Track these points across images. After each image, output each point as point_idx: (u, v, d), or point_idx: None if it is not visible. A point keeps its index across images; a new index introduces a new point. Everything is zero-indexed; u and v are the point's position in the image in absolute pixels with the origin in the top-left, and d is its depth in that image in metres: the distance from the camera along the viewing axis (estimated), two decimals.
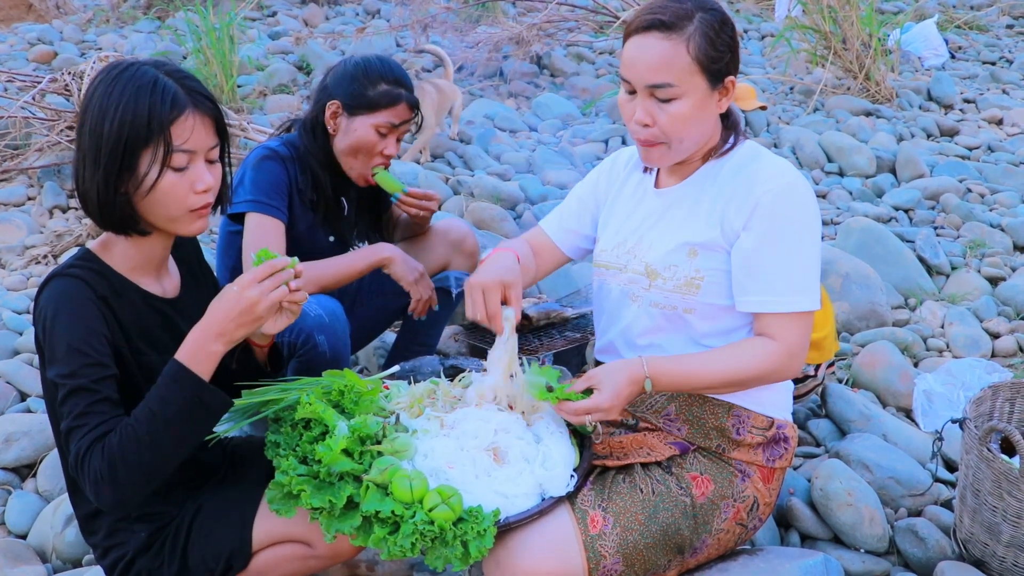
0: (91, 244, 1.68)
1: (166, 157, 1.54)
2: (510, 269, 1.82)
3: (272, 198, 2.23)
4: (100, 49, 6.49)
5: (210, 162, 1.63)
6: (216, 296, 1.57)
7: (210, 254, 3.66)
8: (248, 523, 1.73)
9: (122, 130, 1.51)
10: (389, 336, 3.13)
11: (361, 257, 2.30)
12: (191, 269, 1.87)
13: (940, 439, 2.17)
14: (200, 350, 1.53)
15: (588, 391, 1.71)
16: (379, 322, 2.77)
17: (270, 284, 1.55)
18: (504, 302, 1.78)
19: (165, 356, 1.58)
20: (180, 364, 1.53)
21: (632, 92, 1.73)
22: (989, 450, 1.97)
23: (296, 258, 1.61)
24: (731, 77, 1.73)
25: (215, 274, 2.39)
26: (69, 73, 4.67)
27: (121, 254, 1.67)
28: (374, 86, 2.28)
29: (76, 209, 4.22)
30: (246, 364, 1.82)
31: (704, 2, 1.70)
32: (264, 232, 2.20)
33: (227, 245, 2.43)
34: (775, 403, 1.89)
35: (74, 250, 3.74)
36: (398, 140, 2.35)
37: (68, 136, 4.39)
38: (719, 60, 1.69)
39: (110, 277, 1.64)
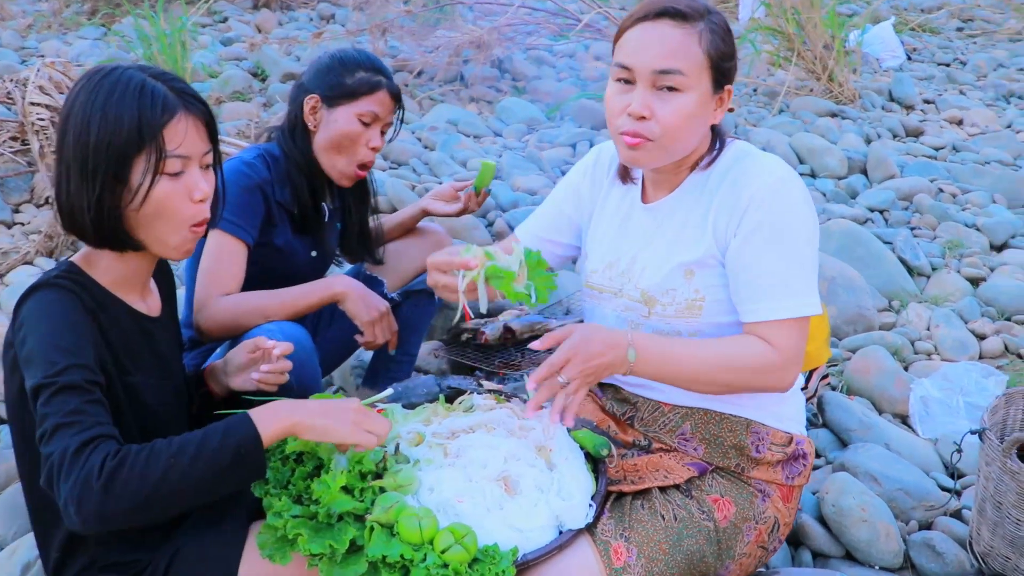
0: (75, 257, 1.58)
1: (159, 163, 1.43)
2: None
3: (239, 216, 2.08)
4: (43, 56, 6.21)
5: (204, 169, 1.52)
6: (335, 400, 1.54)
7: None
8: (232, 568, 1.56)
9: (110, 138, 1.41)
10: (365, 353, 2.96)
11: (313, 290, 2.11)
12: (169, 285, 1.79)
13: (959, 451, 2.08)
14: (274, 419, 1.43)
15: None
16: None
17: (369, 425, 1.50)
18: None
19: (148, 377, 1.48)
20: (250, 419, 1.42)
21: (627, 82, 1.63)
22: (1014, 462, 1.89)
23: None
24: (729, 86, 1.68)
25: (185, 283, 2.26)
26: (12, 80, 4.42)
27: (106, 268, 1.57)
28: (352, 74, 2.19)
29: (22, 224, 3.98)
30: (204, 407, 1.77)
31: (711, 8, 1.67)
32: (221, 252, 2.07)
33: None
34: (792, 417, 1.80)
35: (21, 268, 3.54)
36: (383, 134, 2.25)
37: (11, 148, 4.15)
38: (727, 59, 1.65)
39: (95, 292, 1.54)
